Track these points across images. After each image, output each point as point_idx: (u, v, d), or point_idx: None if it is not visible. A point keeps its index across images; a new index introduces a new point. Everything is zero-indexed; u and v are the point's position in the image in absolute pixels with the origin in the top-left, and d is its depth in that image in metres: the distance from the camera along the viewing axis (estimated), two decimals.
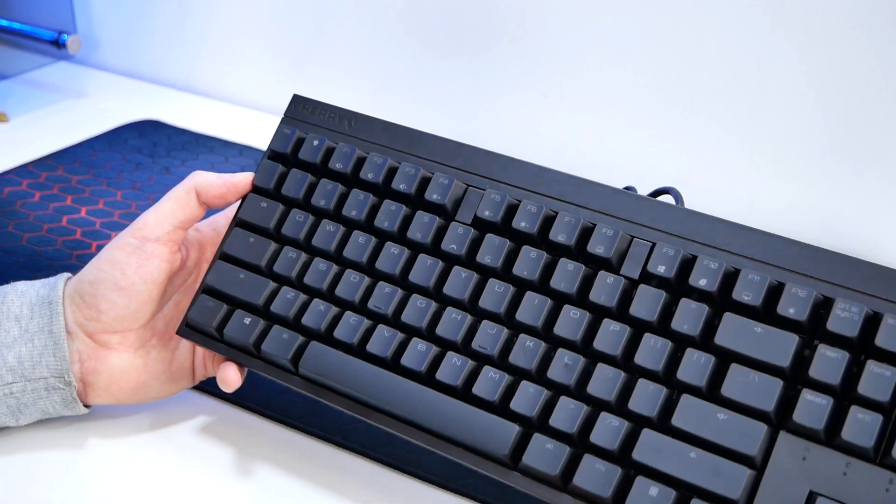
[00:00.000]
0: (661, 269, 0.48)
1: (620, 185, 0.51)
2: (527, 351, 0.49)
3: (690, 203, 0.49)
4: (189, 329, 0.57)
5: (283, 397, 0.61)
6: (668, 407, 0.46)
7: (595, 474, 0.46)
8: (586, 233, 0.50)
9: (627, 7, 0.81)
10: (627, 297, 0.49)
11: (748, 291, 0.46)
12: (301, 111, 0.60)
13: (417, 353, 0.51)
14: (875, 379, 0.43)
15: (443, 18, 0.90)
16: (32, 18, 1.06)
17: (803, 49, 0.74)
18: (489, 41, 0.89)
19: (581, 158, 0.62)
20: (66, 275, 0.58)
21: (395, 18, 0.93)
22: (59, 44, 1.01)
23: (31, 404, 0.55)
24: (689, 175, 0.80)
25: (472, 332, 0.51)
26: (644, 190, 0.50)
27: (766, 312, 0.46)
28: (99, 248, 0.76)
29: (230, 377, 0.55)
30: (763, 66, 0.73)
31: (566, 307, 0.49)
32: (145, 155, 0.93)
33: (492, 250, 0.52)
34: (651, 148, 0.82)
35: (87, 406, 0.57)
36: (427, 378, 0.51)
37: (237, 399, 0.61)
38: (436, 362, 0.51)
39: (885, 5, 0.69)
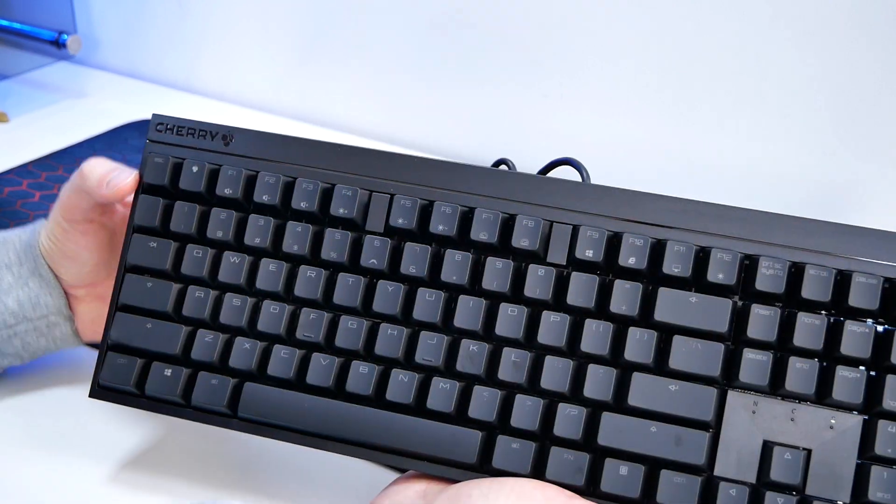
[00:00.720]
0: (588, 254, 0.49)
1: (622, 186, 0.50)
2: (472, 356, 0.49)
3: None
4: (104, 390, 0.53)
5: None
6: (622, 387, 0.48)
7: (565, 465, 0.48)
8: (507, 227, 0.50)
9: (627, 7, 0.80)
10: (561, 285, 0.49)
11: (676, 263, 0.48)
12: (166, 133, 0.55)
13: (360, 376, 0.50)
14: (808, 329, 0.46)
15: (443, 19, 0.89)
16: (32, 18, 1.06)
17: (804, 49, 0.75)
18: (489, 41, 0.88)
19: (581, 158, 0.62)
20: (43, 221, 0.59)
21: (395, 18, 0.92)
22: (59, 44, 1.00)
23: (34, 342, 0.58)
24: (689, 174, 0.81)
25: (412, 345, 0.50)
26: (645, 189, 0.50)
27: (698, 281, 0.48)
28: None
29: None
30: (764, 66, 0.73)
31: (503, 305, 0.49)
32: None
33: (414, 259, 0.51)
34: (651, 147, 0.82)
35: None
36: (377, 400, 0.50)
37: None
38: (382, 382, 0.50)
39: (886, 4, 0.70)
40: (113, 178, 0.54)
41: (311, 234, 0.52)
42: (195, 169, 0.53)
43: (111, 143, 0.94)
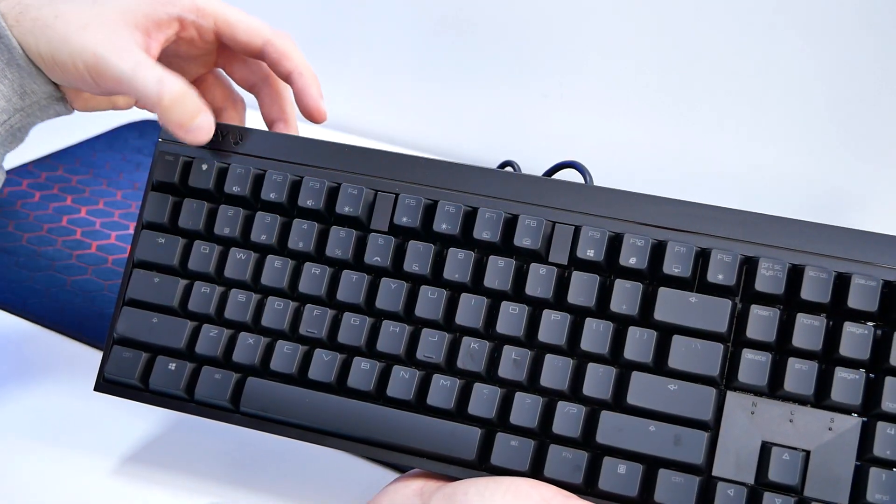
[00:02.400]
0: (590, 254, 0.49)
1: (623, 187, 0.51)
2: (473, 353, 0.50)
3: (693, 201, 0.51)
4: (108, 384, 0.54)
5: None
6: (621, 386, 0.48)
7: (563, 463, 0.48)
8: (510, 227, 0.51)
9: (627, 7, 0.81)
10: (562, 284, 0.50)
11: (677, 264, 0.48)
12: None
13: (362, 372, 0.51)
14: (807, 330, 0.46)
15: (443, 18, 0.89)
16: None
17: (805, 48, 0.75)
18: (489, 41, 0.88)
19: (581, 158, 0.63)
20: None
21: (395, 18, 0.92)
22: None
23: (30, 124, 0.55)
24: (689, 175, 0.82)
25: (413, 342, 0.51)
26: (645, 190, 0.51)
27: (698, 281, 0.48)
28: (99, 248, 0.77)
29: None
30: (764, 67, 0.74)
31: (504, 304, 0.50)
32: (145, 155, 0.93)
33: (418, 257, 0.51)
34: (651, 147, 0.83)
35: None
36: (378, 396, 0.51)
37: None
38: (383, 379, 0.51)
39: (887, 5, 0.71)
40: (195, 125, 0.52)
41: (317, 231, 0.53)
42: (204, 167, 0.54)
43: (111, 143, 0.95)
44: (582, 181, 0.61)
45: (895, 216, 0.75)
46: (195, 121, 0.52)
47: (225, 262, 0.53)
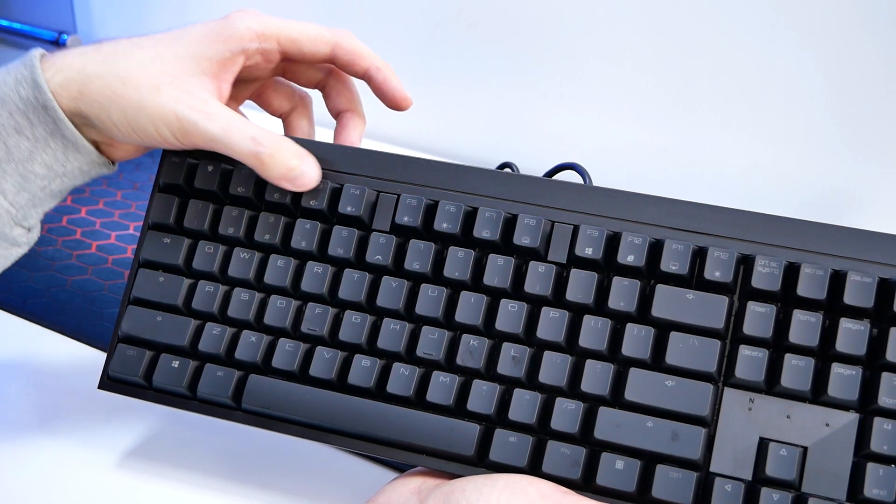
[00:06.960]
0: (588, 252, 0.50)
1: (623, 187, 0.51)
2: (473, 350, 0.50)
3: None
4: (112, 382, 0.55)
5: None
6: (619, 382, 0.49)
7: (562, 458, 0.48)
8: (509, 226, 0.51)
9: (627, 7, 0.81)
10: (561, 282, 0.50)
11: (674, 261, 0.49)
12: None
13: (363, 369, 0.51)
14: (803, 326, 0.47)
15: (443, 18, 0.90)
16: (32, 18, 1.06)
17: (804, 48, 0.76)
18: (490, 42, 0.88)
19: (580, 159, 0.63)
20: (39, 52, 0.52)
21: (395, 19, 0.92)
22: (59, 44, 1.01)
23: (70, 185, 0.55)
24: (690, 176, 0.82)
25: (413, 339, 0.51)
26: (645, 191, 0.51)
27: (695, 279, 0.49)
28: (99, 248, 0.78)
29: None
30: (763, 65, 0.74)
31: (503, 301, 0.50)
32: (145, 155, 0.91)
33: (418, 256, 0.52)
34: (651, 147, 0.83)
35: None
36: (378, 393, 0.51)
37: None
38: (383, 376, 0.51)
39: (889, 5, 0.71)
40: (299, 173, 0.52)
41: (319, 231, 0.53)
42: (210, 168, 0.55)
43: None
44: (580, 181, 0.61)
45: (893, 216, 0.75)
46: (296, 170, 0.52)
47: (229, 261, 0.54)
